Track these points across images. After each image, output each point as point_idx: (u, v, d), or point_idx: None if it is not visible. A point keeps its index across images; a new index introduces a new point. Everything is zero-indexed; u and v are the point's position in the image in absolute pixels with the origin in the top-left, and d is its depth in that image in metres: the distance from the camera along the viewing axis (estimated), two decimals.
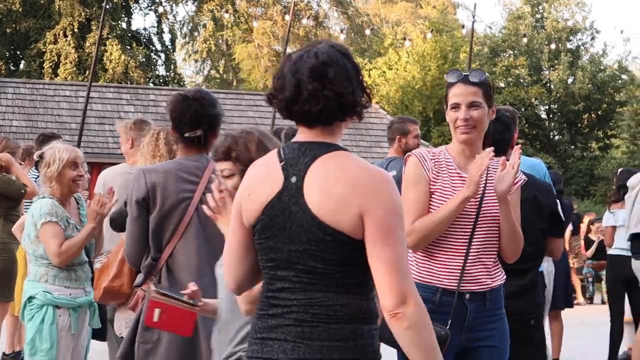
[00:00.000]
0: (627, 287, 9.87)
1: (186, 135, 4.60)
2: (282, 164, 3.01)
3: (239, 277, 3.15)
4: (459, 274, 4.11)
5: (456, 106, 4.26)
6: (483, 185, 4.19)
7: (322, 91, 2.94)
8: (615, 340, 10.02)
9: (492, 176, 4.21)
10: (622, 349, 10.72)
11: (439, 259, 4.13)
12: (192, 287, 3.85)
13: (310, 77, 2.94)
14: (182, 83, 42.07)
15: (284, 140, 5.98)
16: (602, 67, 39.16)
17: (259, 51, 50.27)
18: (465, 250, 4.13)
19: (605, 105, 38.34)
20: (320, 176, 2.94)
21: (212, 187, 3.62)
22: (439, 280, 4.12)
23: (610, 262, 10.05)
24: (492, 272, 4.27)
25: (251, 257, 3.13)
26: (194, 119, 4.60)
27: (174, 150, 5.13)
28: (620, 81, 39.58)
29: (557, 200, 5.75)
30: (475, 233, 4.16)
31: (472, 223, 4.13)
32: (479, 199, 4.15)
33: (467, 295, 4.15)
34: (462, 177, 4.20)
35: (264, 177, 3.04)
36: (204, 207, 3.60)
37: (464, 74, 4.28)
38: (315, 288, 2.93)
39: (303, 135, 3.05)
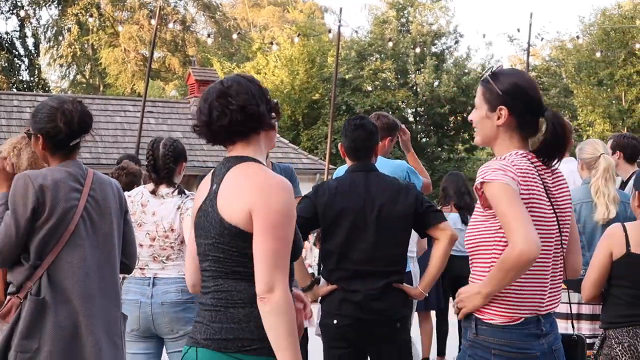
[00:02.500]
0: (453, 285, 10.23)
1: (72, 143, 4.48)
2: (212, 175, 3.59)
3: (194, 279, 3.66)
4: None
5: None
6: None
7: (228, 106, 3.47)
8: (442, 333, 10.46)
9: None
10: None
11: None
12: None
13: (216, 98, 3.49)
14: (46, 88, 41.30)
15: (162, 150, 5.92)
16: (466, 71, 40.03)
17: (126, 55, 49.75)
18: None
19: (470, 108, 39.08)
20: (229, 182, 3.46)
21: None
22: None
23: None
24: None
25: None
26: (84, 124, 4.50)
27: (37, 162, 4.94)
28: None
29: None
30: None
31: None
32: None
33: None
34: None
35: (202, 187, 3.61)
36: None
37: None
38: (220, 276, 3.43)
39: (230, 152, 3.58)
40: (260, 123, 3.54)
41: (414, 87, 39.14)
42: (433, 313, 10.29)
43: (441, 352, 10.54)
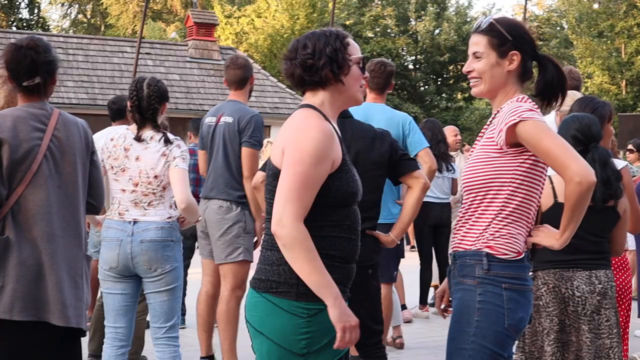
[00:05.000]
0: (433, 232, 10.36)
1: (24, 84, 4.53)
2: None
3: None
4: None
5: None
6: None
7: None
8: (425, 281, 10.58)
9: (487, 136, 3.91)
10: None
11: None
12: None
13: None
14: (46, 27, 41.12)
15: (146, 90, 5.91)
16: (467, 19, 39.85)
17: None
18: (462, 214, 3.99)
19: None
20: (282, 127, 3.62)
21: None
22: None
23: None
24: (470, 234, 3.87)
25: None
26: (31, 68, 4.54)
27: (13, 100, 5.02)
28: None
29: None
30: (464, 196, 3.97)
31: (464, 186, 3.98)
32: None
33: (450, 259, 4.00)
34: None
35: None
36: None
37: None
38: (268, 218, 3.52)
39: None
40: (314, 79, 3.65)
41: (415, 35, 39.01)
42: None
43: (424, 300, 10.67)
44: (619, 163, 5.55)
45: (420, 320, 10.41)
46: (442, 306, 4.20)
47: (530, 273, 5.16)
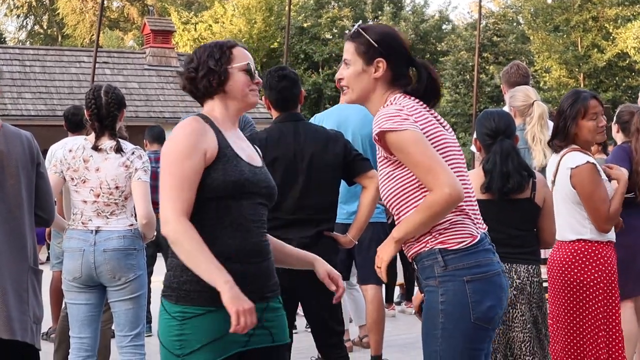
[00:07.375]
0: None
1: None
2: None
3: None
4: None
5: None
6: None
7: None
8: (390, 280, 10.55)
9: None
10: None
11: None
12: None
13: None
14: (2, 40, 40.84)
15: (104, 98, 5.89)
16: (424, 18, 40.00)
17: (84, 5, 49.23)
18: None
19: (429, 55, 39.23)
20: None
21: None
22: None
23: None
24: (421, 236, 3.78)
25: None
26: None
27: None
28: (442, 31, 40.57)
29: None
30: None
31: None
32: None
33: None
34: None
35: None
36: None
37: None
38: None
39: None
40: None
41: None
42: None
43: (390, 299, 10.71)
44: (577, 159, 5.55)
45: (386, 319, 10.42)
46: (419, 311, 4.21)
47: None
